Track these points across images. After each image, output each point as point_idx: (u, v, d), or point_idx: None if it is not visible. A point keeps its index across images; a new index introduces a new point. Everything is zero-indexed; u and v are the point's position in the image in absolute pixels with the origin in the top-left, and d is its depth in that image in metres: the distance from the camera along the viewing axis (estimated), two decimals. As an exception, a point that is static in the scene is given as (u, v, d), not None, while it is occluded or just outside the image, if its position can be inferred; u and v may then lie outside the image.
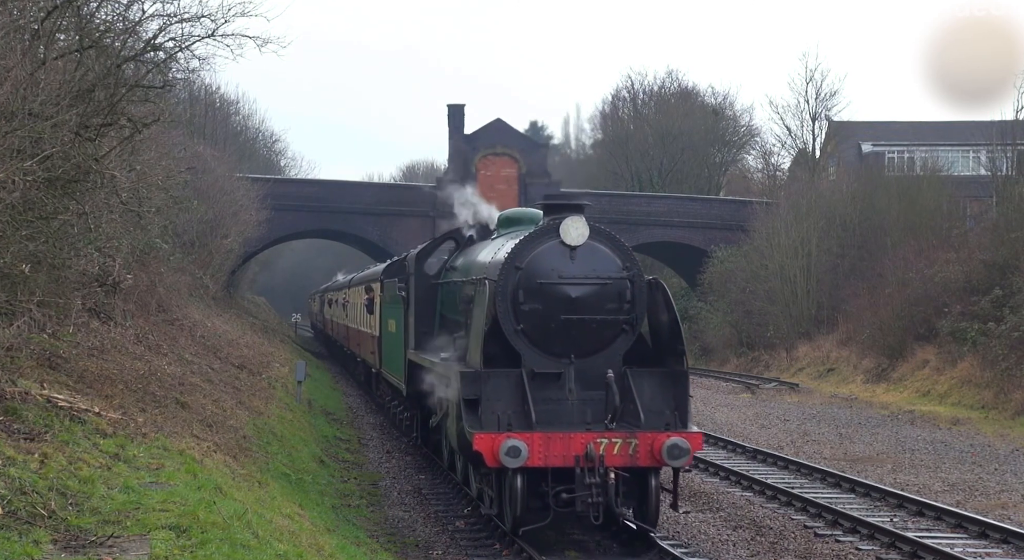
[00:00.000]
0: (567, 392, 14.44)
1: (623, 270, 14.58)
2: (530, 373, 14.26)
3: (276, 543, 10.65)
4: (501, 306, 14.31)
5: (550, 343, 14.44)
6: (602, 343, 14.57)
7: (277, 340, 46.22)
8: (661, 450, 13.66)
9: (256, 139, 72.55)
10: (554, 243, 14.41)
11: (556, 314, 14.31)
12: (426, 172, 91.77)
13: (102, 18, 16.60)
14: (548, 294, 14.33)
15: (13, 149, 11.93)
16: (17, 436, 11.02)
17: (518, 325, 14.37)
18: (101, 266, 17.82)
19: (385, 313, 24.88)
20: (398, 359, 21.40)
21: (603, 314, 14.45)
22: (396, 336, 22.00)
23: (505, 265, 14.38)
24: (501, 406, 14.00)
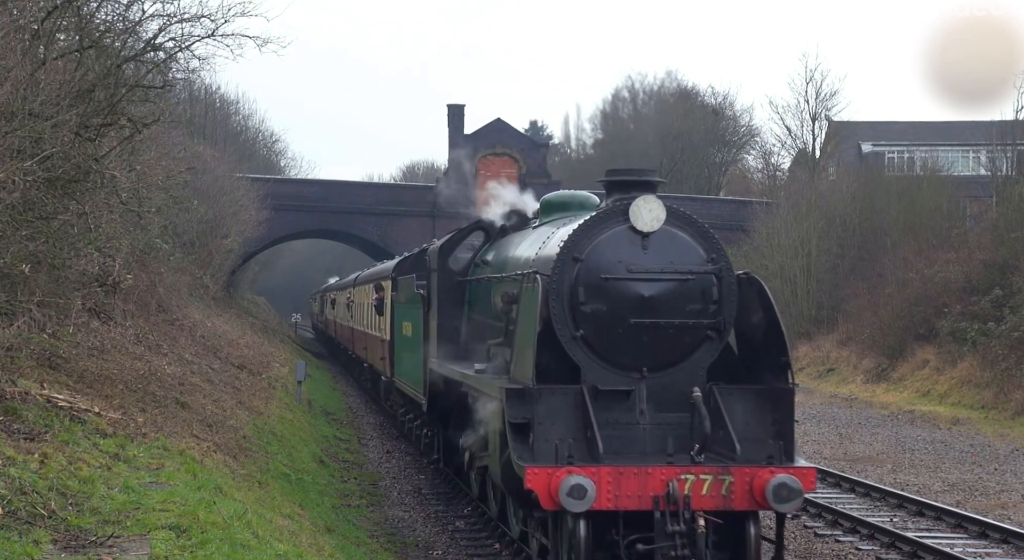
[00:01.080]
0: (637, 414, 11.63)
1: (708, 262, 11.81)
2: (592, 390, 11.43)
3: (276, 543, 10.65)
4: (555, 307, 11.53)
5: (617, 353, 11.66)
6: (682, 353, 11.79)
7: (277, 340, 46.22)
8: (765, 490, 10.81)
9: (256, 139, 72.53)
10: (621, 229, 11.69)
11: (624, 317, 11.55)
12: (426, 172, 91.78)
13: (102, 18, 16.63)
14: (614, 292, 11.59)
15: (13, 149, 11.93)
16: (17, 436, 11.02)
17: (577, 330, 11.57)
18: (101, 266, 17.84)
19: (399, 315, 22.08)
20: (416, 368, 18.84)
21: (683, 317, 11.65)
22: (413, 341, 19.27)
23: (560, 257, 11.63)
24: (557, 431, 11.19)
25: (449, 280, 16.53)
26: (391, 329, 23.45)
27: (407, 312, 20.53)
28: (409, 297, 20.01)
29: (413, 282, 19.33)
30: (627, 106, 74.23)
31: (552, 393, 11.35)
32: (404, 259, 23.84)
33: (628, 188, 12.20)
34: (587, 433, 11.16)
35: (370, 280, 30.12)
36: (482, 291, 15.41)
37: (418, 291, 18.35)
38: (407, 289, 20.43)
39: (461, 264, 16.61)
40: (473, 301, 16.08)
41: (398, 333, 22.16)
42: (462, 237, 16.90)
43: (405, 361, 21.13)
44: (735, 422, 11.46)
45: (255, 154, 68.32)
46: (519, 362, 11.72)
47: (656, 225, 11.65)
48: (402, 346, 21.64)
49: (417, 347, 18.55)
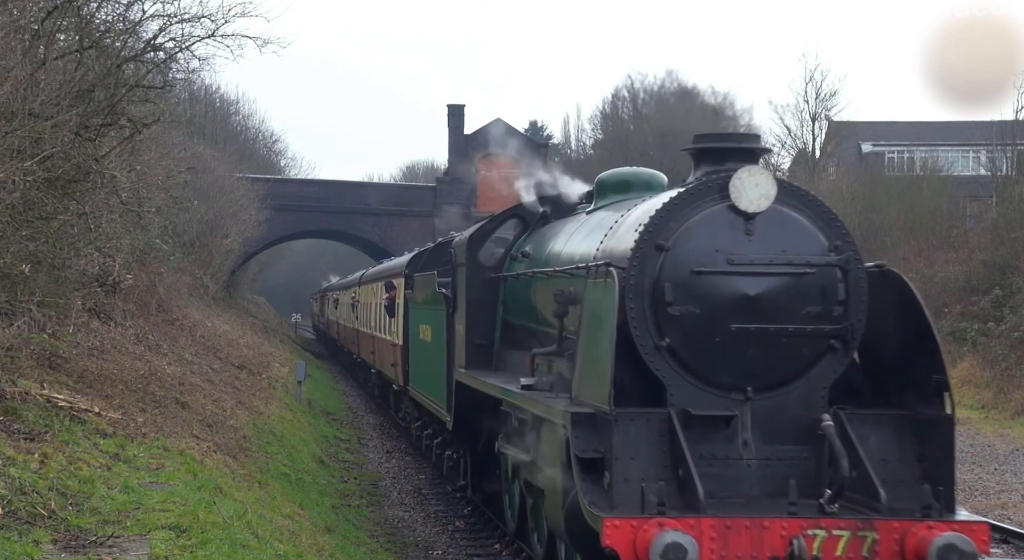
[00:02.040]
0: (740, 446, 9.14)
1: (831, 251, 9.28)
2: (682, 415, 8.92)
3: (276, 543, 10.65)
4: (634, 309, 9.08)
5: (713, 368, 9.15)
6: (797, 368, 9.23)
7: (277, 340, 46.22)
8: (925, 553, 8.23)
9: (256, 139, 72.58)
10: (719, 209, 9.22)
11: (723, 322, 9.04)
12: (426, 172, 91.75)
13: (102, 18, 16.62)
14: (710, 290, 9.10)
15: (13, 149, 11.94)
16: (17, 436, 11.03)
17: (661, 339, 9.09)
18: (101, 266, 17.84)
19: (414, 316, 19.96)
20: (437, 378, 16.52)
21: (799, 322, 9.14)
22: (433, 347, 17.06)
23: (640, 245, 9.15)
24: (639, 469, 8.66)
25: (480, 277, 14.15)
26: (404, 332, 21.35)
27: (425, 314, 18.33)
28: (428, 297, 17.76)
29: (434, 280, 16.83)
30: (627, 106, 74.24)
31: (631, 419, 8.73)
32: (418, 254, 22.04)
33: (722, 158, 9.68)
34: (678, 471, 8.64)
35: (379, 278, 27.76)
36: (522, 289, 13.03)
37: (440, 290, 16.05)
38: (426, 287, 18.14)
39: (494, 258, 14.29)
40: (510, 301, 13.78)
41: (413, 337, 20.02)
42: (494, 227, 14.40)
43: (422, 369, 18.96)
44: (871, 459, 8.88)
45: (255, 154, 68.35)
46: (587, 379, 9.19)
47: (764, 203, 9.18)
48: (418, 352, 19.45)
49: (438, 354, 16.38)
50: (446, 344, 15.53)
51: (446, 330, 15.56)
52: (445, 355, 15.67)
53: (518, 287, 13.31)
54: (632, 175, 12.45)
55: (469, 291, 14.21)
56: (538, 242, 13.28)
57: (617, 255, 9.60)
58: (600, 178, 12.62)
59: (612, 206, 11.58)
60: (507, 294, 13.90)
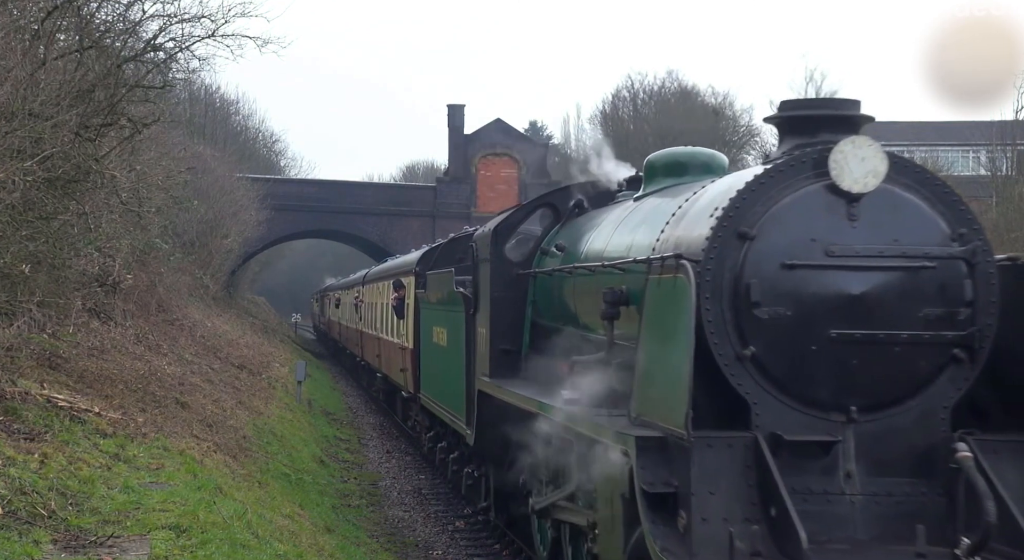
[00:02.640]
0: (841, 479, 7.45)
1: (953, 241, 7.64)
2: (771, 441, 7.27)
3: (276, 543, 10.66)
4: (710, 311, 7.49)
5: (809, 383, 7.50)
6: (912, 384, 7.59)
7: (277, 340, 46.23)
8: None
9: (256, 139, 72.55)
10: (815, 189, 7.56)
11: (822, 326, 7.40)
12: (426, 172, 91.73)
13: (102, 18, 16.64)
14: (806, 287, 7.47)
15: (13, 149, 11.94)
16: (17, 436, 11.03)
17: (745, 347, 7.46)
18: (101, 266, 17.86)
19: (427, 318, 18.37)
20: (454, 387, 14.98)
21: (915, 326, 7.50)
22: (450, 353, 15.45)
23: (717, 232, 7.54)
24: (722, 506, 7.00)
25: (506, 274, 12.63)
26: (414, 335, 19.85)
27: (440, 315, 16.68)
28: (443, 296, 16.14)
29: (451, 277, 15.18)
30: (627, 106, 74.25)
31: (709, 445, 7.05)
32: (430, 250, 20.52)
33: (815, 128, 7.95)
34: (769, 510, 6.98)
35: (386, 276, 26.10)
36: (556, 288, 11.52)
37: (458, 289, 14.49)
38: (441, 286, 16.42)
39: (521, 253, 12.81)
40: (541, 301, 12.21)
41: (425, 340, 18.47)
42: (522, 218, 12.95)
43: (436, 376, 17.31)
44: (1015, 499, 7.17)
45: (255, 154, 68.34)
46: (652, 395, 7.69)
47: (872, 182, 7.48)
48: (431, 357, 17.80)
49: (456, 360, 14.77)
50: (465, 349, 14.05)
51: (465, 333, 14.08)
52: (464, 361, 14.06)
53: (551, 285, 11.70)
54: (688, 156, 10.70)
55: (493, 290, 12.67)
56: (574, 234, 11.64)
57: (687, 246, 7.87)
58: (650, 160, 10.92)
59: (666, 191, 9.97)
60: (537, 293, 12.29)
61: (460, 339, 14.39)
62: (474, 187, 60.96)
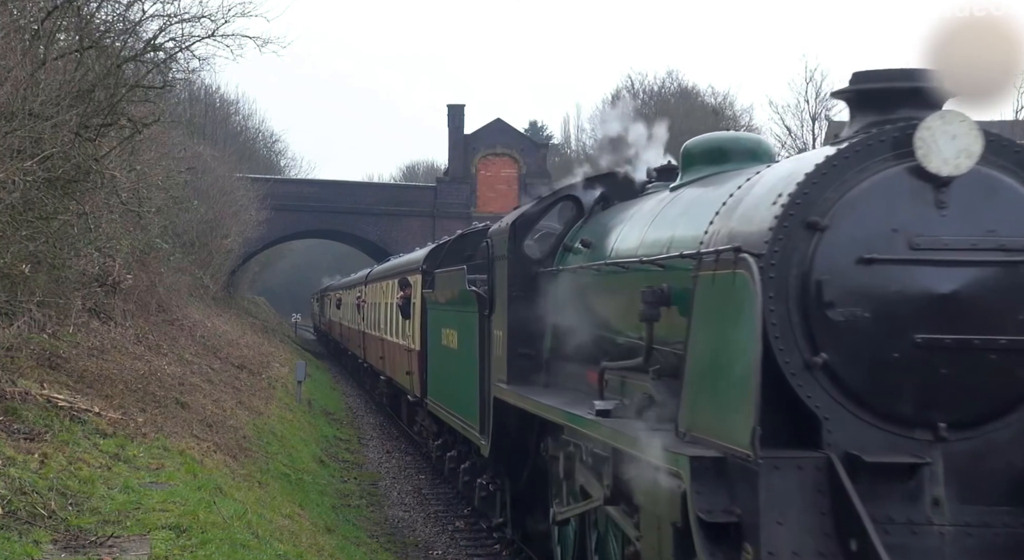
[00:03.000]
0: (928, 508, 6.43)
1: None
2: (847, 462, 6.29)
3: (276, 543, 10.66)
4: (775, 311, 6.51)
5: (890, 395, 6.51)
6: (1011, 397, 6.59)
7: (277, 340, 46.24)
8: None
9: (256, 139, 72.63)
10: (896, 172, 6.57)
11: (905, 330, 6.43)
12: (426, 172, 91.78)
13: (102, 18, 16.66)
14: (887, 285, 6.49)
15: (13, 149, 11.95)
16: (17, 436, 11.03)
17: (816, 354, 6.47)
18: (101, 266, 17.87)
19: (435, 319, 17.46)
20: (466, 393, 14.18)
21: (1015, 331, 6.48)
22: (462, 356, 14.58)
23: (783, 222, 6.55)
24: (789, 538, 6.05)
25: (525, 272, 11.73)
26: (421, 337, 18.88)
27: (450, 316, 15.73)
28: (455, 296, 15.20)
29: (463, 276, 14.40)
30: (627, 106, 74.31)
31: (775, 466, 6.08)
32: (437, 247, 19.57)
33: (894, 103, 6.88)
34: (848, 543, 5.98)
35: (390, 275, 25.11)
36: (582, 287, 10.55)
37: (470, 288, 13.78)
38: (451, 285, 15.53)
39: (542, 249, 11.90)
40: (564, 302, 10.99)
41: (433, 342, 17.58)
42: (542, 212, 12.11)
43: (445, 381, 16.46)
44: None
45: (255, 154, 68.40)
46: (705, 408, 6.81)
47: (964, 164, 6.46)
48: (440, 360, 16.88)
49: (468, 364, 13.96)
50: (479, 352, 13.24)
51: (479, 335, 13.25)
52: (478, 365, 13.24)
53: (576, 284, 10.70)
54: (731, 142, 9.60)
55: (511, 289, 11.74)
56: (601, 229, 10.64)
57: (745, 238, 6.76)
58: (688, 147, 9.75)
59: (707, 180, 8.93)
60: (560, 293, 11.11)
61: (473, 342, 13.53)
62: (474, 187, 60.99)
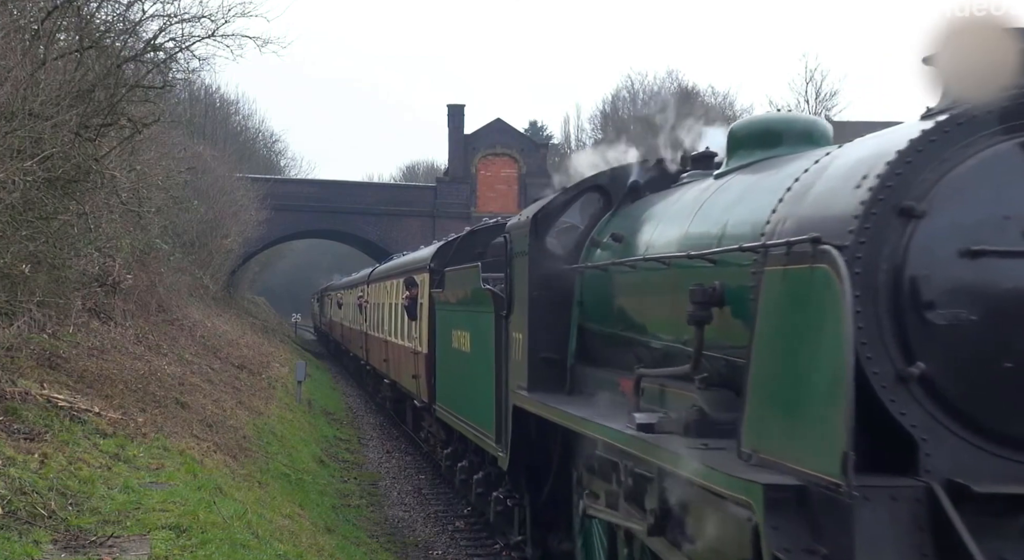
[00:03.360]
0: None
1: None
2: (952, 492, 5.21)
3: (276, 543, 10.66)
4: (862, 313, 5.50)
5: (1002, 413, 5.48)
6: None
7: (277, 340, 46.24)
8: None
9: (256, 139, 72.67)
10: (1007, 148, 5.61)
11: (1018, 335, 5.41)
12: (426, 172, 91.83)
13: (102, 18, 16.66)
14: (997, 282, 5.50)
15: (13, 149, 11.95)
16: (17, 436, 11.03)
17: (911, 364, 5.48)
18: (101, 266, 17.87)
19: (444, 320, 16.41)
20: (480, 399, 13.22)
21: None
22: (476, 360, 13.63)
23: (871, 208, 5.55)
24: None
25: (548, 269, 10.70)
26: (429, 339, 17.89)
27: (461, 317, 14.74)
28: (467, 296, 14.21)
29: (477, 273, 13.48)
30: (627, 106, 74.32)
31: (866, 498, 5.06)
32: (446, 244, 18.62)
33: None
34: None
35: (394, 274, 24.03)
36: (612, 285, 9.52)
37: (485, 287, 12.89)
38: (463, 284, 14.59)
39: (565, 245, 10.88)
40: (591, 302, 10.15)
41: (442, 345, 16.56)
42: (565, 203, 11.00)
43: (456, 386, 15.41)
44: None
45: (255, 154, 68.44)
46: (779, 425, 5.79)
47: None
48: (451, 364, 15.82)
49: (483, 368, 13.00)
50: (495, 356, 12.27)
51: (495, 338, 12.26)
52: (494, 370, 12.28)
53: (605, 282, 9.66)
54: (783, 123, 8.32)
55: (533, 288, 10.74)
56: (633, 221, 9.60)
57: (822, 227, 5.71)
58: (734, 130, 8.73)
59: (758, 166, 7.88)
60: (587, 292, 10.24)
61: (488, 345, 12.57)
62: (474, 187, 60.99)
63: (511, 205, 54.66)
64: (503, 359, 11.93)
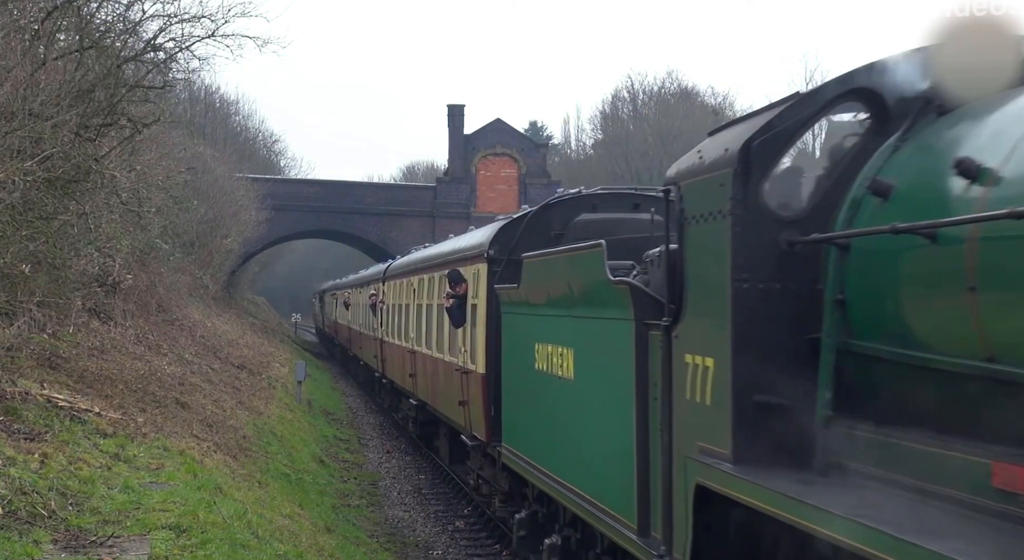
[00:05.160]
0: None
1: None
2: None
3: (276, 543, 10.66)
4: None
5: None
6: None
7: (277, 340, 46.24)
8: None
9: (256, 139, 72.68)
10: None
11: None
12: (426, 172, 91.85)
13: (102, 18, 16.65)
14: None
15: (13, 149, 11.94)
16: (17, 436, 11.02)
17: None
18: (101, 266, 17.86)
19: (518, 329, 11.91)
20: (601, 458, 8.85)
21: None
22: (588, 394, 9.21)
23: None
24: None
25: (766, 242, 6.22)
26: (487, 353, 13.54)
27: (554, 324, 10.23)
28: (568, 293, 9.77)
29: (598, 259, 8.77)
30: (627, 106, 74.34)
31: None
32: (509, 224, 13.84)
33: None
34: None
35: (426, 267, 19.73)
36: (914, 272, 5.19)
37: (616, 279, 8.38)
38: (563, 275, 10.04)
39: (796, 200, 6.42)
40: (866, 303, 5.62)
41: (513, 364, 12.09)
42: (794, 132, 6.28)
43: (545, 428, 10.68)
44: None
45: (255, 154, 68.43)
46: None
47: None
48: (531, 393, 11.19)
49: (603, 409, 8.71)
50: (634, 392, 7.87)
51: (634, 361, 7.89)
52: (632, 417, 7.94)
53: (898, 267, 5.31)
54: None
55: (739, 277, 6.20)
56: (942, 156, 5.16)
57: None
58: None
59: None
60: (853, 284, 5.71)
61: (619, 371, 8.21)
62: (474, 187, 60.98)
63: (511, 205, 54.64)
64: (666, 399, 7.20)
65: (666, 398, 7.28)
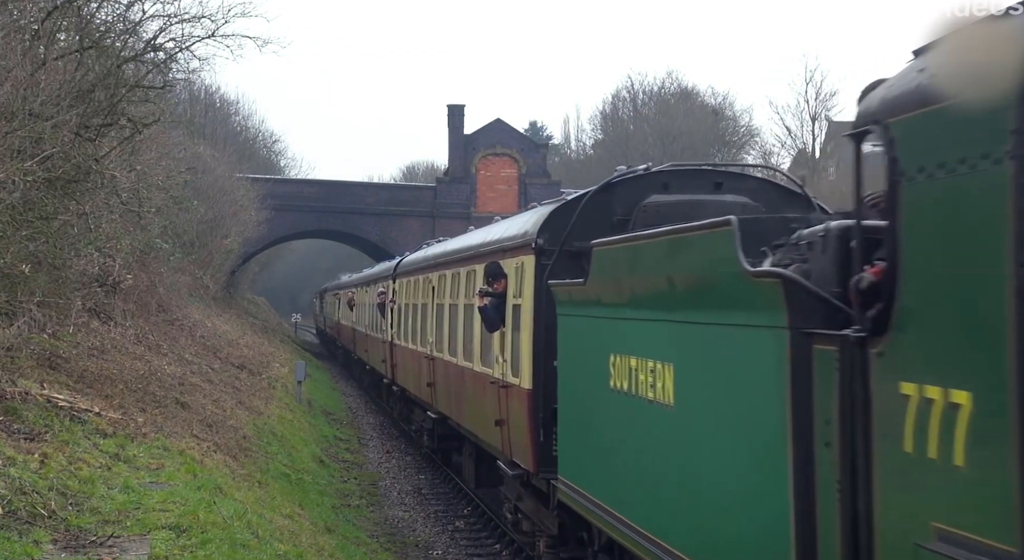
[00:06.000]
0: None
1: None
2: None
3: (276, 543, 10.66)
4: None
5: None
6: None
7: (277, 340, 46.23)
8: None
9: (256, 139, 72.68)
10: None
11: None
12: (426, 172, 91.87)
13: (102, 18, 16.66)
14: None
15: (13, 149, 11.94)
16: (17, 436, 11.02)
17: None
18: (101, 266, 17.86)
19: (584, 335, 9.57)
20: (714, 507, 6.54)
21: None
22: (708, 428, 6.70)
23: None
24: None
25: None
26: (533, 365, 11.28)
27: (642, 331, 8.00)
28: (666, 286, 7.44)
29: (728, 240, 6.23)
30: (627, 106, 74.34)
31: None
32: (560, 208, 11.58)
33: None
34: None
35: (447, 262, 17.26)
36: None
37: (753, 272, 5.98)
38: (642, 267, 8.10)
39: None
40: None
41: (576, 380, 9.78)
42: None
43: (620, 461, 8.50)
44: None
45: (255, 154, 68.43)
46: None
47: None
48: (604, 417, 8.83)
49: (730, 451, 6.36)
50: (792, 438, 5.53)
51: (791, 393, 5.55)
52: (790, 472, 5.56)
53: None
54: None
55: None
56: None
57: None
58: None
59: None
60: None
61: (767, 402, 5.84)
62: (474, 187, 60.97)
63: (511, 205, 54.65)
64: (853, 450, 5.02)
65: (860, 448, 4.91)
